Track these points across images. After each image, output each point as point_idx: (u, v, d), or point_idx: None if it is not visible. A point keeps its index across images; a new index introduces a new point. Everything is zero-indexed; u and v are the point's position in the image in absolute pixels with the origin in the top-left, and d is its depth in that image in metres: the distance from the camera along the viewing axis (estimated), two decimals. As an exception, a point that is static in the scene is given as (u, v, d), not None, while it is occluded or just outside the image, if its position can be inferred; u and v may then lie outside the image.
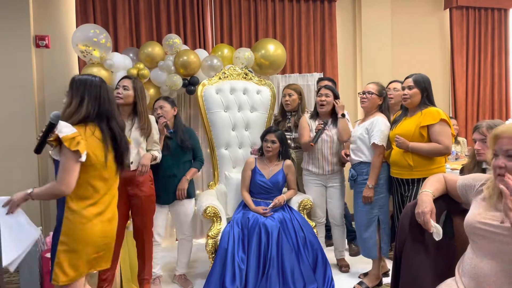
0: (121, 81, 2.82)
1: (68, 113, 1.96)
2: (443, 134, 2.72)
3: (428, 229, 1.71)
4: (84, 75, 2.05)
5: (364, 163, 3.07)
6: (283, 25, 4.57)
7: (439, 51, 5.33)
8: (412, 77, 2.84)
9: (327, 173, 3.33)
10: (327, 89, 3.34)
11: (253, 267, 2.90)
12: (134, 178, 2.78)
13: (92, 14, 4.01)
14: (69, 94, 1.98)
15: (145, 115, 2.82)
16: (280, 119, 3.72)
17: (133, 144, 2.75)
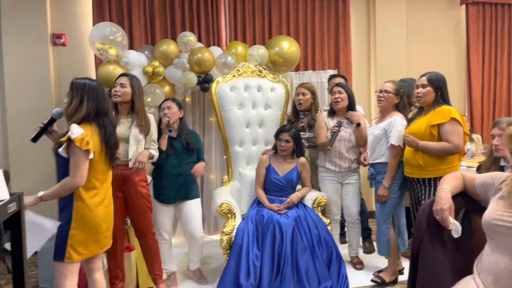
0: (118, 78, 2.83)
1: (70, 111, 2.18)
2: (453, 133, 2.67)
3: (446, 226, 1.70)
4: (83, 78, 2.24)
5: (383, 163, 3.06)
6: (297, 22, 4.57)
7: (454, 47, 5.27)
8: (427, 75, 2.80)
9: (343, 170, 3.33)
10: (339, 86, 3.33)
11: (268, 264, 2.92)
12: (130, 176, 2.78)
13: (108, 13, 4.06)
14: (70, 95, 2.19)
15: (143, 112, 2.82)
16: (293, 119, 3.68)
17: (132, 141, 2.76)
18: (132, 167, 2.77)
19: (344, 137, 3.29)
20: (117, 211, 2.73)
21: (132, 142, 2.76)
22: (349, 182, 3.38)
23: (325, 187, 3.41)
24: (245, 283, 2.85)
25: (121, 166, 2.74)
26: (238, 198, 3.50)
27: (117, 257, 2.87)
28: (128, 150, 2.75)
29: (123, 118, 2.81)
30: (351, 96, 3.33)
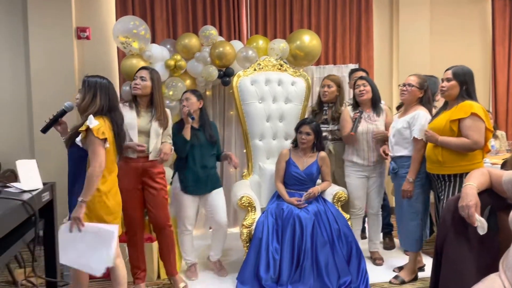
0: (138, 72, 2.85)
1: (83, 105, 2.34)
2: (473, 128, 2.60)
3: (472, 223, 1.68)
4: (94, 76, 2.41)
5: (405, 156, 3.03)
6: (318, 16, 4.54)
7: (479, 42, 5.16)
8: (452, 69, 2.74)
9: (371, 163, 3.31)
10: (363, 79, 3.31)
11: (287, 258, 2.93)
12: (150, 169, 2.83)
13: (131, 7, 4.10)
14: (82, 91, 2.36)
15: (162, 106, 2.86)
16: (317, 111, 3.66)
17: (153, 135, 2.80)
18: (153, 159, 2.82)
19: (372, 129, 3.27)
20: (137, 203, 2.82)
21: (153, 136, 2.81)
22: (375, 175, 3.37)
23: (351, 181, 3.39)
24: (264, 275, 2.87)
25: (141, 159, 2.80)
26: (258, 191, 3.52)
27: (137, 248, 2.92)
28: (149, 143, 2.80)
29: (144, 111, 2.85)
30: (375, 89, 3.31)
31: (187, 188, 3.14)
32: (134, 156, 2.78)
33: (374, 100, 3.31)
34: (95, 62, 4.14)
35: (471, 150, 2.64)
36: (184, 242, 3.22)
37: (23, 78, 4.05)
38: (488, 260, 1.73)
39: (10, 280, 3.14)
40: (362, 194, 3.39)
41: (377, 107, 3.32)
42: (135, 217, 2.85)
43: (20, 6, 3.99)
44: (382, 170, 3.39)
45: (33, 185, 1.23)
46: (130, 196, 2.77)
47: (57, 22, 3.93)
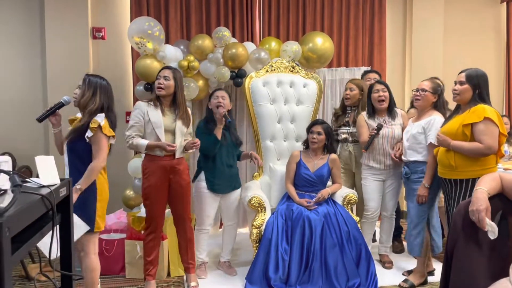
0: (161, 71, 2.90)
1: (83, 102, 2.45)
2: (486, 133, 2.55)
3: (482, 227, 1.68)
4: (95, 75, 2.55)
5: (419, 162, 3.02)
6: (331, 18, 4.54)
7: (493, 45, 5.11)
8: (466, 72, 2.69)
9: (387, 168, 3.30)
10: (381, 83, 3.30)
11: (296, 259, 2.94)
12: (177, 166, 2.89)
13: (146, 8, 4.15)
14: (82, 88, 2.47)
15: (184, 105, 2.92)
16: (340, 113, 3.69)
17: (178, 133, 2.86)
18: (178, 157, 2.89)
19: (388, 134, 3.26)
20: (162, 199, 2.88)
21: (178, 134, 2.87)
22: (391, 179, 3.36)
23: (368, 184, 3.39)
24: (273, 276, 2.89)
25: (167, 157, 2.86)
26: (268, 192, 3.54)
27: (155, 244, 2.96)
28: (175, 142, 2.85)
29: (167, 110, 2.90)
30: (391, 95, 3.31)
31: (214, 186, 3.18)
32: (161, 155, 2.85)
33: (390, 105, 3.30)
34: (110, 61, 4.21)
35: (484, 155, 2.60)
36: (200, 240, 3.26)
37: (39, 77, 4.12)
38: (498, 265, 1.73)
39: (23, 274, 3.21)
40: (377, 197, 3.38)
41: (392, 111, 3.31)
42: (159, 214, 2.92)
43: (37, 6, 4.07)
44: (400, 174, 3.36)
45: (51, 180, 1.27)
46: (157, 193, 2.85)
47: (73, 22, 4.01)
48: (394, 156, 3.23)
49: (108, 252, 3.21)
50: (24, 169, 3.77)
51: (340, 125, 3.64)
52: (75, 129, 2.42)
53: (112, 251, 3.23)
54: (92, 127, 2.36)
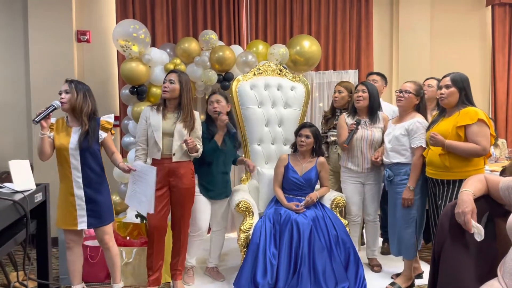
0: (168, 75, 2.90)
1: (79, 104, 2.57)
2: (481, 134, 2.61)
3: (468, 229, 1.66)
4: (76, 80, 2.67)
5: (401, 164, 3.01)
6: (318, 22, 4.55)
7: (479, 49, 5.17)
8: (450, 76, 2.74)
9: (365, 170, 3.29)
10: (364, 85, 3.30)
11: (284, 263, 2.91)
12: (177, 169, 2.87)
13: (131, 10, 4.11)
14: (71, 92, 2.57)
15: (189, 108, 2.90)
16: (329, 116, 3.68)
17: (176, 136, 2.84)
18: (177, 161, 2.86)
19: (366, 136, 3.25)
20: (164, 203, 2.87)
21: (176, 137, 2.84)
22: (370, 182, 3.34)
23: (346, 187, 3.38)
24: (261, 281, 2.85)
25: (165, 160, 2.84)
26: (256, 196, 3.50)
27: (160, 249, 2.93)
28: (173, 145, 2.83)
29: (170, 113, 2.89)
30: (373, 97, 3.26)
31: (209, 193, 3.15)
32: (158, 158, 2.84)
33: (371, 108, 3.28)
34: (95, 65, 4.16)
35: (479, 156, 2.66)
36: (193, 244, 3.20)
37: (23, 81, 4.05)
38: (486, 266, 1.72)
39: (6, 283, 3.12)
40: (358, 200, 3.37)
41: (374, 114, 3.29)
42: (161, 218, 2.87)
43: (20, 9, 4.01)
44: (379, 177, 3.36)
45: (26, 185, 1.22)
46: (157, 196, 2.79)
47: (57, 25, 3.94)
48: (374, 159, 3.22)
49: (93, 259, 3.14)
50: (6, 174, 3.69)
51: (329, 128, 3.64)
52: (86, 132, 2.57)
53: (97, 258, 3.16)
54: (107, 128, 2.65)
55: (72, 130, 2.61)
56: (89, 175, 2.60)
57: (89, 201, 2.60)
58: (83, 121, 2.58)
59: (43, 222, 1.28)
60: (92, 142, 2.59)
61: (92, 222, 2.63)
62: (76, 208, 2.58)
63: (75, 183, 2.58)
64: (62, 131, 2.61)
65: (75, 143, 2.56)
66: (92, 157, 2.60)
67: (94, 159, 2.62)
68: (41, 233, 1.27)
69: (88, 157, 2.59)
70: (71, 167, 2.58)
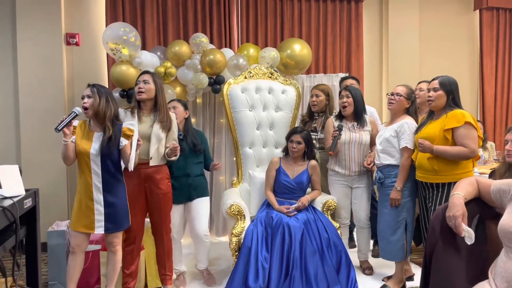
0: (140, 76, 2.85)
1: (101, 109, 2.52)
2: (469, 137, 2.63)
3: (459, 233, 1.68)
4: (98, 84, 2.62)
5: (392, 165, 3.03)
6: (309, 25, 4.57)
7: (467, 53, 5.23)
8: (438, 79, 2.76)
9: (353, 174, 3.30)
10: (347, 90, 3.31)
11: (276, 267, 2.90)
12: (153, 174, 2.81)
13: (121, 13, 4.08)
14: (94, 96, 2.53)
15: (165, 108, 2.85)
16: (307, 119, 3.70)
17: (153, 140, 2.78)
18: (154, 165, 2.80)
19: (354, 139, 3.27)
20: (140, 209, 2.81)
21: (154, 141, 2.78)
22: (358, 186, 3.35)
23: (334, 190, 3.39)
24: (253, 285, 2.84)
25: (142, 165, 2.78)
26: (248, 200, 3.49)
27: (134, 256, 2.88)
28: (150, 149, 2.78)
29: (145, 116, 2.83)
30: (358, 101, 3.28)
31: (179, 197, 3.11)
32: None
33: (356, 112, 3.29)
34: (84, 68, 4.12)
35: (468, 159, 2.68)
36: (174, 250, 3.17)
37: (11, 84, 3.99)
38: (477, 268, 1.73)
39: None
40: (346, 204, 3.38)
41: (360, 118, 3.31)
42: (137, 224, 2.83)
43: (8, 11, 3.95)
44: (368, 180, 3.37)
45: (15, 191, 1.20)
46: (133, 202, 2.75)
47: (46, 27, 3.90)
48: (366, 164, 3.24)
49: (84, 264, 3.09)
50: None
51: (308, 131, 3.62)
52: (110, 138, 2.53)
53: (86, 263, 3.10)
54: (129, 135, 2.58)
55: (94, 135, 2.57)
56: (108, 180, 2.57)
57: (108, 206, 2.57)
58: (107, 126, 2.54)
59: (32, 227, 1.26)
60: (114, 149, 2.55)
61: (109, 227, 2.58)
62: (95, 212, 2.54)
63: (95, 188, 2.54)
64: (84, 136, 2.56)
65: (97, 149, 2.52)
66: (112, 163, 2.57)
67: (114, 164, 2.59)
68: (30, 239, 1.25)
69: (108, 163, 2.56)
70: (92, 172, 2.53)
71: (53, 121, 3.85)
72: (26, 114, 3.88)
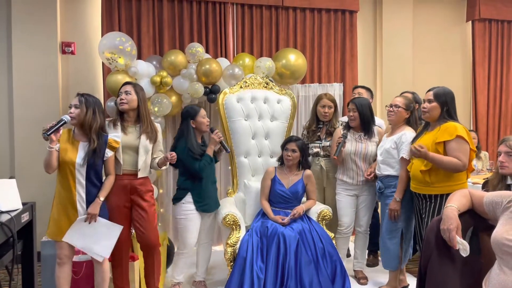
0: (122, 87, 2.84)
1: (88, 120, 2.54)
2: (460, 151, 2.63)
3: (453, 246, 1.69)
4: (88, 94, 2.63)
5: (392, 176, 3.05)
6: (304, 35, 4.60)
7: (460, 63, 5.29)
8: (433, 90, 2.77)
9: (360, 183, 3.32)
10: (353, 103, 3.32)
11: (271, 277, 2.90)
12: (139, 186, 2.79)
13: (117, 22, 4.09)
14: (81, 107, 2.54)
15: (149, 119, 2.84)
16: (314, 128, 3.65)
17: (142, 151, 2.76)
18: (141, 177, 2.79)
19: (360, 149, 3.29)
20: (124, 221, 2.75)
21: (142, 152, 2.77)
22: (364, 194, 3.37)
23: (341, 199, 3.40)
24: (248, 295, 2.83)
25: (128, 176, 2.76)
26: (243, 209, 3.50)
27: (123, 268, 2.86)
28: (138, 160, 2.76)
29: (131, 127, 2.81)
30: (364, 114, 3.28)
31: (205, 206, 3.14)
32: (119, 173, 2.75)
33: (363, 124, 3.31)
34: (80, 77, 4.11)
35: (459, 171, 2.68)
36: (180, 263, 3.16)
37: (6, 93, 3.97)
38: (471, 280, 1.75)
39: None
40: (350, 212, 3.39)
41: (367, 128, 3.32)
42: (121, 236, 2.77)
43: (4, 19, 3.95)
44: (373, 189, 3.38)
45: (12, 205, 1.20)
46: (118, 214, 2.72)
47: (41, 36, 3.90)
48: (366, 176, 3.26)
49: (76, 275, 3.06)
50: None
51: (313, 140, 3.65)
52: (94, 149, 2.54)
53: (80, 274, 3.08)
54: (114, 147, 2.63)
55: (80, 144, 2.56)
56: (91, 190, 2.57)
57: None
58: (92, 138, 2.54)
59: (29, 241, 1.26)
60: (98, 160, 2.57)
61: None
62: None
63: (78, 197, 2.53)
64: (68, 144, 2.55)
65: (83, 159, 2.52)
66: (95, 173, 2.58)
67: (96, 175, 2.60)
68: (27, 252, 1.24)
69: (92, 173, 2.57)
70: (76, 182, 2.53)
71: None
72: (21, 123, 3.86)
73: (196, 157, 3.05)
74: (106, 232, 2.60)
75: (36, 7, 3.87)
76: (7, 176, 3.83)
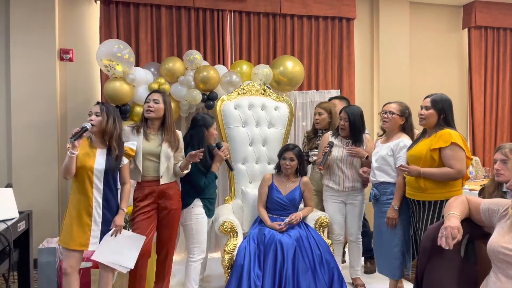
0: (151, 95, 2.88)
1: (109, 128, 2.59)
2: (455, 158, 2.64)
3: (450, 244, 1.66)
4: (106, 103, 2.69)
5: (387, 183, 3.05)
6: (301, 42, 4.62)
7: (457, 70, 5.32)
8: (431, 97, 2.78)
9: (347, 189, 3.32)
10: (346, 112, 3.33)
11: (269, 285, 2.89)
12: (166, 190, 2.84)
13: (116, 29, 4.10)
14: (102, 115, 2.59)
15: (173, 128, 2.89)
16: (312, 136, 3.73)
17: (163, 158, 2.81)
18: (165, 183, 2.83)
19: (346, 156, 3.30)
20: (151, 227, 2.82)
21: (163, 159, 2.81)
22: (352, 202, 3.37)
23: (328, 206, 3.40)
24: (246, 303, 2.82)
25: (152, 183, 2.81)
26: (240, 216, 3.50)
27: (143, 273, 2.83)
28: (160, 167, 2.80)
29: (153, 134, 2.85)
30: (354, 123, 3.29)
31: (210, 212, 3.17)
32: (138, 180, 2.82)
33: (353, 133, 3.32)
34: (78, 84, 4.12)
35: (455, 179, 2.68)
36: (196, 270, 3.07)
37: (3, 99, 3.97)
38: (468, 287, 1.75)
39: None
40: (340, 219, 3.39)
41: (357, 137, 3.33)
42: (148, 242, 2.80)
43: (3, 26, 3.96)
44: (362, 197, 3.39)
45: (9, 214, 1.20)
46: (145, 220, 2.78)
47: (39, 43, 3.90)
48: (362, 172, 3.26)
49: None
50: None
51: (311, 148, 3.67)
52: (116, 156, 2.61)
53: (78, 281, 3.08)
54: (130, 155, 2.68)
55: (97, 151, 2.60)
56: (108, 197, 2.61)
57: (106, 223, 2.59)
58: (113, 146, 2.60)
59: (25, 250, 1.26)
60: (116, 167, 2.64)
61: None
62: (92, 228, 2.55)
63: (95, 203, 2.56)
64: (85, 151, 2.58)
65: (102, 165, 2.56)
66: (113, 180, 2.64)
67: (114, 182, 2.65)
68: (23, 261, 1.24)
69: (110, 180, 2.61)
70: (94, 187, 2.56)
71: (45, 136, 3.88)
72: (18, 130, 3.85)
73: (203, 171, 3.06)
74: (129, 243, 2.65)
75: (35, 14, 3.88)
76: (4, 183, 3.82)
